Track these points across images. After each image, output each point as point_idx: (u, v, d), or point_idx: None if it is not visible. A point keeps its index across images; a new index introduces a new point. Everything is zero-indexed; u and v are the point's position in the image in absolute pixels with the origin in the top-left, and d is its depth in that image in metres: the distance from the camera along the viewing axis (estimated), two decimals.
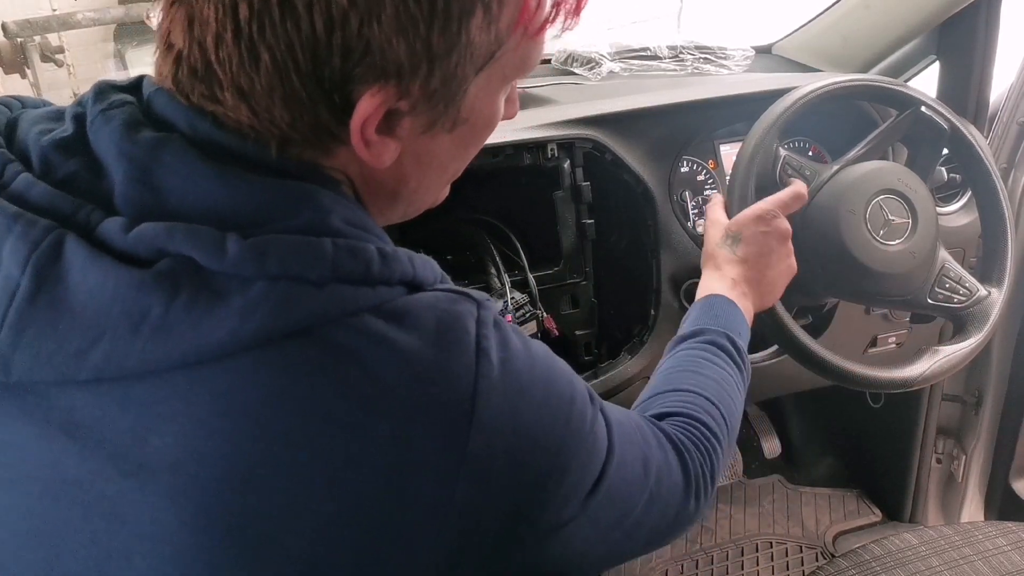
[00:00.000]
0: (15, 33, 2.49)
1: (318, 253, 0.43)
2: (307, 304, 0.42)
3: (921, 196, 1.01)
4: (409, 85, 0.46)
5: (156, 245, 0.42)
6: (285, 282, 0.42)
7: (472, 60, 0.47)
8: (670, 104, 1.13)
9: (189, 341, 0.41)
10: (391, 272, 0.46)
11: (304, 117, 0.45)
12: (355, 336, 0.43)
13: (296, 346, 0.42)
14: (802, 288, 1.05)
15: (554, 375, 0.51)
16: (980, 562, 1.05)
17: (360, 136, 0.46)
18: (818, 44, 1.45)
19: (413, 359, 0.44)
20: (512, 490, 0.46)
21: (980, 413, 1.56)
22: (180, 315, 0.40)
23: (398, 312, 0.45)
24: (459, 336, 0.46)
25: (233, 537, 0.41)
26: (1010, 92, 1.34)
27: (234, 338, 0.41)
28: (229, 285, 0.41)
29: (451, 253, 1.09)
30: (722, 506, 1.79)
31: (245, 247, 0.42)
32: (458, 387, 0.44)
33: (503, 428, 0.45)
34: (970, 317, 1.02)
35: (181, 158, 0.44)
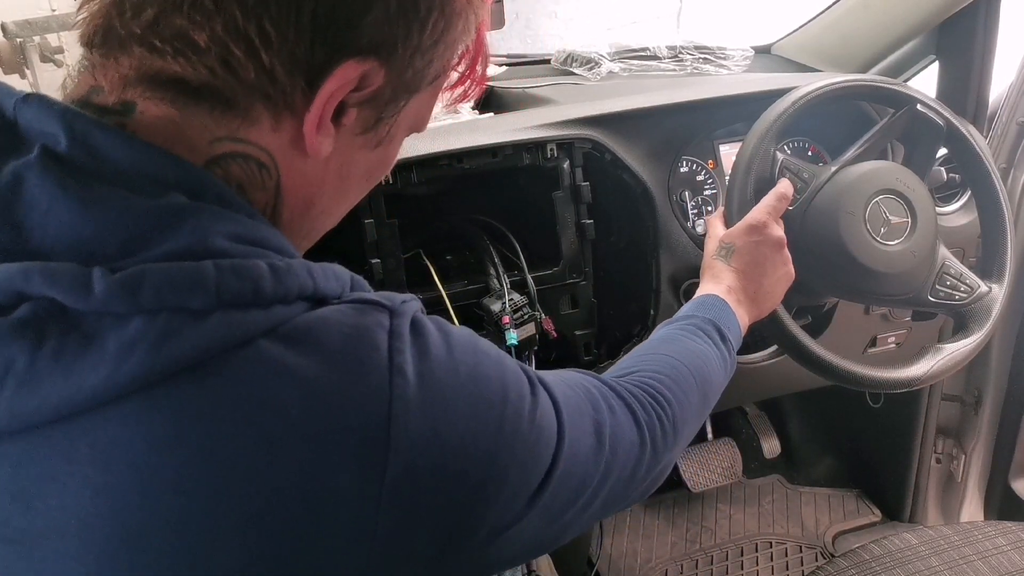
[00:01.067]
0: (14, 33, 2.49)
1: (199, 278, 0.38)
2: (191, 337, 0.37)
3: (920, 195, 1.01)
4: (388, 67, 0.45)
5: (14, 288, 0.37)
6: (165, 314, 0.38)
7: (429, 69, 0.48)
8: (669, 104, 1.13)
9: (60, 392, 0.36)
10: (286, 289, 0.41)
11: (281, 55, 0.42)
12: (249, 368, 0.39)
13: (182, 386, 0.38)
14: (802, 288, 1.05)
15: (481, 375, 0.46)
16: (980, 562, 1.04)
17: (321, 105, 0.44)
18: (817, 44, 1.45)
19: (317, 386, 0.40)
20: (443, 509, 0.43)
21: (980, 413, 1.56)
22: (48, 364, 0.36)
23: (297, 334, 0.41)
24: (368, 354, 0.42)
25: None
26: (1009, 92, 1.34)
27: (111, 383, 0.36)
28: (101, 324, 0.37)
29: (451, 253, 1.09)
30: (722, 506, 1.79)
31: (114, 283, 0.37)
32: (370, 411, 0.40)
33: (426, 448, 0.41)
34: (972, 313, 1.02)
35: (40, 187, 0.39)
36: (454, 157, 0.99)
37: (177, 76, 0.42)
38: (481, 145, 1.00)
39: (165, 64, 0.42)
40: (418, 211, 1.06)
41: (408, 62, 0.46)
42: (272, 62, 0.42)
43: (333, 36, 0.43)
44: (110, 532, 0.37)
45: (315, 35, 0.42)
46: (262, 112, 0.44)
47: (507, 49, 1.66)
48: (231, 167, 0.45)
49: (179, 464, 0.37)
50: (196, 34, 0.41)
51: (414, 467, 0.41)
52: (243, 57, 0.42)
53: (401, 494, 0.41)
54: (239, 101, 0.44)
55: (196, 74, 0.42)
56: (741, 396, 1.61)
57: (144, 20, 0.42)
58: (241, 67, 0.42)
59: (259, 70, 0.42)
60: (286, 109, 0.45)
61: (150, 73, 0.43)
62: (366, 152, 0.51)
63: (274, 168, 0.47)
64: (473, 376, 0.46)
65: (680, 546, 1.70)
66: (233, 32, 0.41)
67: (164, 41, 0.41)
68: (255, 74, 0.42)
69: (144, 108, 0.43)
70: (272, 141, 0.46)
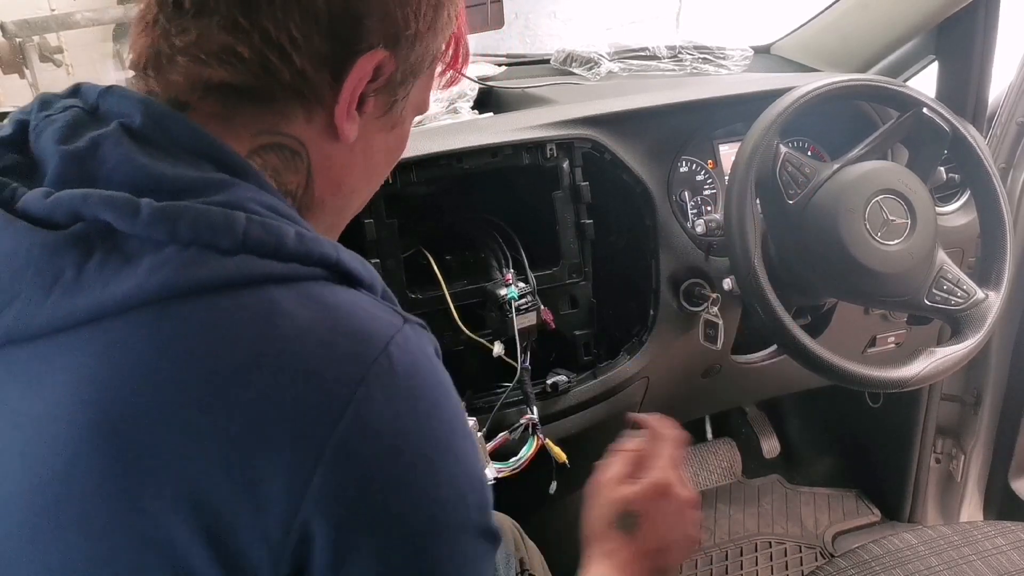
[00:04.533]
0: (14, 33, 2.49)
1: (230, 223, 0.44)
2: (213, 267, 0.43)
3: (920, 197, 1.02)
4: (396, 55, 0.52)
5: (72, 209, 0.43)
6: (196, 248, 0.43)
7: (427, 54, 0.56)
8: (669, 104, 1.13)
9: (96, 297, 0.42)
10: (307, 250, 0.46)
11: (309, 57, 0.49)
12: (253, 301, 0.43)
13: (192, 305, 0.42)
14: (801, 287, 1.05)
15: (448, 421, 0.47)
16: (979, 562, 1.05)
17: (349, 96, 0.51)
18: (817, 44, 1.45)
19: (307, 332, 0.43)
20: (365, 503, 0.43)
21: (979, 413, 1.56)
22: (92, 276, 0.42)
23: (311, 291, 0.45)
24: (367, 333, 0.44)
25: (106, 484, 0.41)
26: (1009, 92, 1.34)
27: (138, 292, 0.42)
28: (142, 248, 0.43)
29: (451, 253, 1.09)
30: (721, 506, 1.80)
31: (157, 210, 0.43)
32: (342, 375, 0.43)
33: (371, 438, 0.43)
34: (967, 319, 1.02)
35: (115, 147, 0.46)
36: (454, 157, 0.99)
37: (224, 81, 0.49)
38: (481, 145, 1.00)
39: (212, 72, 0.49)
40: (418, 211, 1.06)
41: (411, 48, 0.54)
42: (303, 63, 0.49)
43: (347, 35, 0.50)
44: (95, 419, 0.41)
45: (333, 36, 0.50)
46: (296, 108, 0.52)
47: (507, 49, 1.66)
48: (270, 155, 0.52)
49: (171, 367, 0.41)
50: (239, 47, 0.48)
51: (363, 439, 0.42)
52: (279, 62, 0.49)
53: (341, 458, 0.42)
54: (277, 99, 0.51)
55: (241, 79, 0.49)
56: (741, 396, 1.61)
57: (188, 39, 0.49)
58: (278, 70, 0.49)
59: (293, 71, 0.49)
60: (317, 104, 0.52)
61: (199, 80, 0.49)
62: (384, 134, 0.58)
63: (305, 154, 0.54)
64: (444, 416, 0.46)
65: None
66: (268, 42, 0.48)
67: (209, 55, 0.49)
68: (290, 75, 0.50)
69: (197, 107, 0.50)
70: (305, 132, 0.53)
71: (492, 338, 1.00)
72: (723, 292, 1.10)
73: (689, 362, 1.21)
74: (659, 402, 1.22)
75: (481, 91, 1.33)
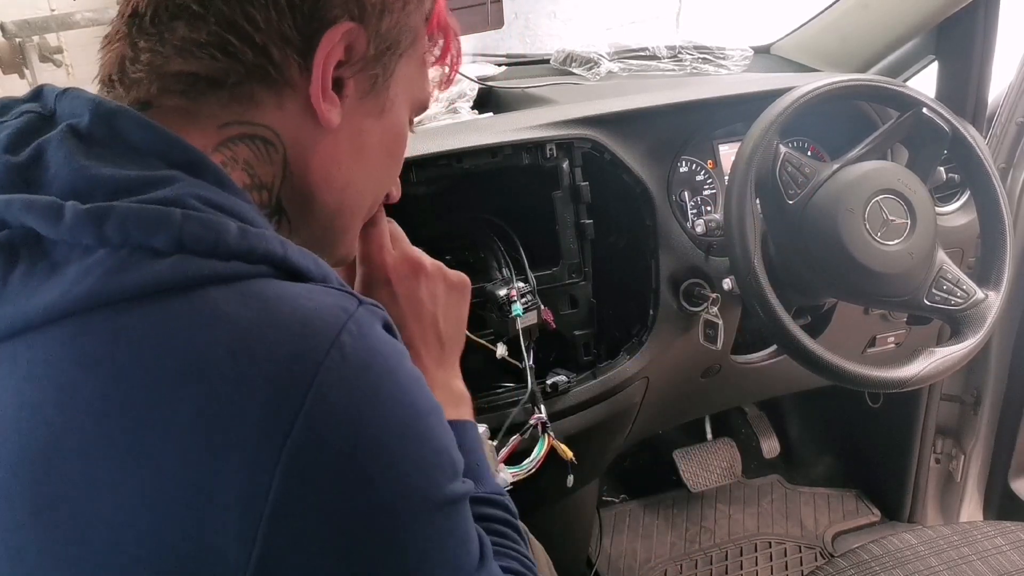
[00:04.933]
0: (14, 33, 2.49)
1: (163, 220, 0.41)
2: (144, 272, 0.40)
3: (920, 197, 1.02)
4: (365, 27, 0.51)
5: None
6: (127, 250, 0.40)
7: (405, 31, 0.54)
8: (669, 104, 1.13)
9: (19, 309, 0.39)
10: (250, 247, 0.43)
11: (270, 35, 0.48)
12: (188, 307, 0.40)
13: (120, 315, 0.39)
14: (801, 287, 1.05)
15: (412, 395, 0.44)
16: (979, 562, 1.05)
17: (320, 72, 0.49)
18: (817, 44, 1.45)
19: (249, 335, 0.39)
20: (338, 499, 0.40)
21: (979, 413, 1.56)
22: (16, 286, 0.40)
23: (250, 291, 0.41)
24: (317, 322, 0.41)
25: (41, 514, 0.39)
26: (1009, 91, 1.34)
27: (60, 302, 0.39)
28: (70, 255, 0.40)
29: (450, 254, 1.09)
30: (721, 506, 1.80)
31: (82, 212, 0.40)
32: (295, 369, 0.39)
33: (335, 427, 0.40)
34: (967, 320, 1.02)
35: (57, 150, 0.44)
36: (453, 157, 0.99)
37: (184, 71, 0.48)
38: (480, 145, 1.00)
39: (172, 64, 0.48)
40: (417, 211, 1.06)
41: (379, 19, 0.52)
42: (265, 41, 0.48)
43: (308, 8, 0.49)
44: (25, 446, 0.38)
45: (293, 11, 0.48)
46: (265, 94, 0.49)
47: (506, 49, 1.66)
48: (239, 147, 0.50)
49: (97, 385, 0.38)
50: (196, 33, 0.47)
51: (320, 443, 0.39)
52: (239, 43, 0.47)
53: (299, 465, 0.39)
54: (243, 85, 0.49)
55: (203, 66, 0.48)
56: (740, 396, 1.61)
57: (150, 43, 0.48)
58: (239, 51, 0.48)
59: (256, 51, 0.48)
60: (287, 87, 0.50)
61: (161, 75, 0.48)
62: (373, 120, 0.55)
63: (280, 144, 0.51)
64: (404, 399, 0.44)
65: (679, 546, 1.70)
66: (224, 24, 0.47)
67: (168, 47, 0.48)
68: (253, 55, 0.48)
69: (161, 105, 0.49)
70: (277, 119, 0.50)
71: (493, 339, 1.00)
72: (723, 292, 1.10)
73: (689, 362, 1.21)
74: (659, 402, 1.22)
75: (481, 91, 1.33)
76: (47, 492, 0.38)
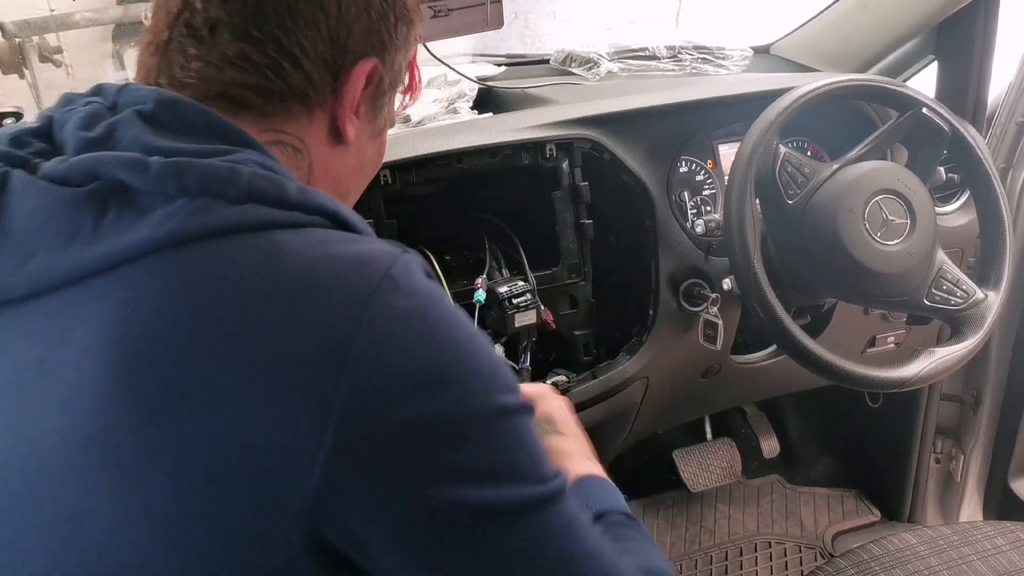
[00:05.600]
0: (13, 33, 2.49)
1: (234, 176, 0.48)
2: (220, 215, 0.46)
3: (920, 197, 1.02)
4: (383, 63, 0.59)
5: (87, 169, 0.47)
6: (205, 199, 0.46)
7: (401, 67, 0.63)
8: (668, 104, 1.13)
9: (112, 246, 0.45)
10: (308, 200, 0.50)
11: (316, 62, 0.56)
12: (258, 243, 0.46)
13: (205, 248, 0.46)
14: (798, 287, 1.05)
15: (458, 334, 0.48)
16: (979, 562, 1.05)
17: (352, 99, 0.58)
18: (816, 44, 1.45)
19: (314, 266, 0.46)
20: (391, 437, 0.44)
21: (979, 413, 1.56)
22: (108, 228, 0.46)
23: (312, 235, 0.48)
24: (371, 262, 0.47)
25: (133, 420, 0.43)
26: (1008, 91, 1.34)
27: (151, 240, 0.45)
28: (154, 202, 0.46)
29: (450, 254, 1.09)
30: (721, 506, 1.80)
31: (166, 165, 0.47)
32: (353, 294, 0.45)
33: (392, 342, 0.45)
34: (966, 320, 1.02)
35: (128, 128, 0.50)
36: (453, 157, 0.99)
37: (237, 82, 0.54)
38: (480, 145, 1.00)
39: (225, 75, 0.54)
40: (417, 211, 1.06)
41: (393, 58, 0.61)
42: (310, 68, 0.56)
43: (344, 43, 0.57)
44: (116, 359, 0.44)
45: (334, 44, 0.56)
46: (299, 109, 0.57)
47: (506, 49, 1.66)
48: (274, 150, 0.56)
49: (186, 307, 0.44)
50: (253, 54, 0.54)
51: (374, 365, 0.44)
52: (289, 67, 0.55)
53: (362, 374, 0.44)
54: (284, 101, 0.56)
55: (254, 81, 0.55)
56: (740, 396, 1.61)
57: (203, 50, 0.54)
58: (288, 74, 0.55)
59: (302, 76, 0.56)
60: (318, 106, 0.57)
61: (212, 82, 0.54)
62: (369, 140, 0.64)
63: (307, 153, 0.58)
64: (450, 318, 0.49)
65: (679, 546, 1.70)
66: (280, 50, 0.55)
67: (223, 61, 0.54)
68: (299, 79, 0.56)
69: (208, 105, 0.54)
70: (306, 132, 0.58)
71: (493, 340, 1.00)
72: (723, 292, 1.10)
73: (689, 362, 1.21)
74: (659, 402, 1.22)
75: (481, 91, 1.33)
76: (146, 399, 0.43)
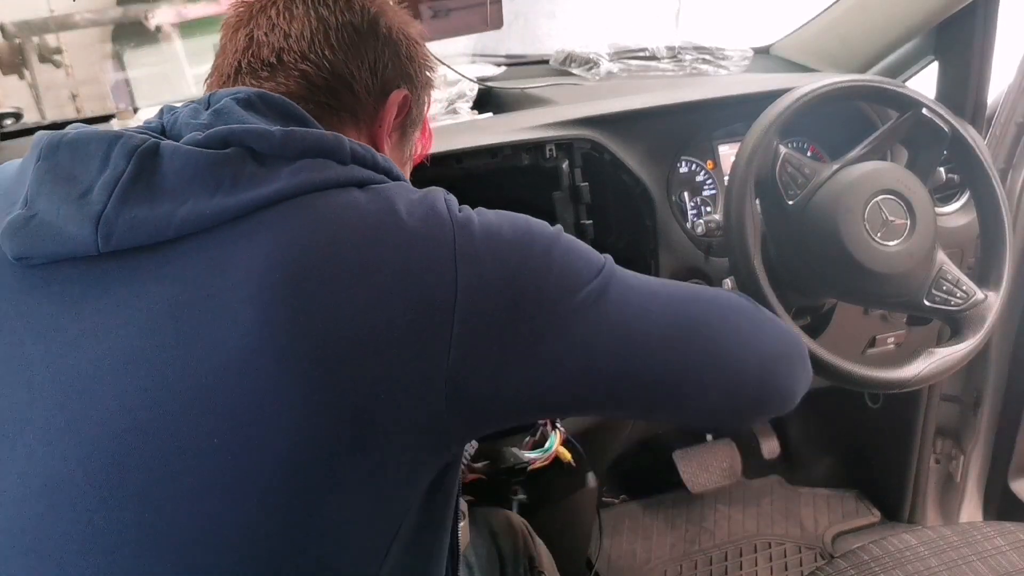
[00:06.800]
0: (13, 34, 2.49)
1: (340, 143, 0.60)
2: (336, 171, 0.58)
3: (920, 197, 1.01)
4: (411, 93, 0.74)
5: (222, 137, 0.57)
6: (322, 160, 0.58)
7: (422, 107, 0.78)
8: (668, 105, 1.14)
9: (253, 195, 0.54)
10: (389, 166, 0.64)
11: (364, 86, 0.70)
12: (366, 193, 0.58)
13: (328, 196, 0.56)
14: (798, 287, 1.05)
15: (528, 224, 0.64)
16: (979, 562, 1.05)
17: (390, 118, 0.72)
18: (816, 45, 1.45)
19: (410, 206, 0.58)
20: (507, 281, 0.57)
21: (978, 413, 1.56)
22: (246, 181, 0.55)
23: (401, 187, 0.61)
24: (442, 209, 0.59)
25: (288, 335, 0.51)
26: (1008, 92, 1.34)
27: (287, 188, 0.55)
28: (279, 162, 0.56)
29: None
30: (721, 507, 1.80)
31: (287, 133, 0.57)
32: (443, 222, 0.57)
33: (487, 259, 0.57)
34: (967, 320, 1.02)
35: (231, 111, 0.60)
36: (453, 157, 0.99)
37: (303, 95, 0.67)
38: (480, 145, 1.00)
39: (291, 88, 0.67)
40: None
41: (419, 94, 0.76)
42: (360, 90, 0.70)
43: (382, 73, 0.71)
44: (274, 281, 0.52)
45: (375, 75, 0.71)
46: (350, 121, 0.70)
47: (506, 49, 1.66)
48: None
49: (321, 239, 0.54)
50: (314, 77, 0.68)
51: (477, 270, 0.56)
52: (342, 88, 0.69)
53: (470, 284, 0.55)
54: (339, 113, 0.69)
55: (317, 96, 0.68)
56: None
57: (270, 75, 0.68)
58: (341, 93, 0.69)
59: (352, 96, 0.70)
60: (362, 121, 0.71)
61: (285, 92, 0.66)
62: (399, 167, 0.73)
63: None
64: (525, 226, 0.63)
65: (679, 547, 1.70)
66: (335, 76, 0.69)
67: (289, 79, 0.68)
68: (351, 98, 0.70)
69: None
70: (354, 138, 0.66)
71: None
72: None
73: None
74: None
75: (481, 91, 1.33)
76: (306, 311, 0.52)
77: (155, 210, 0.53)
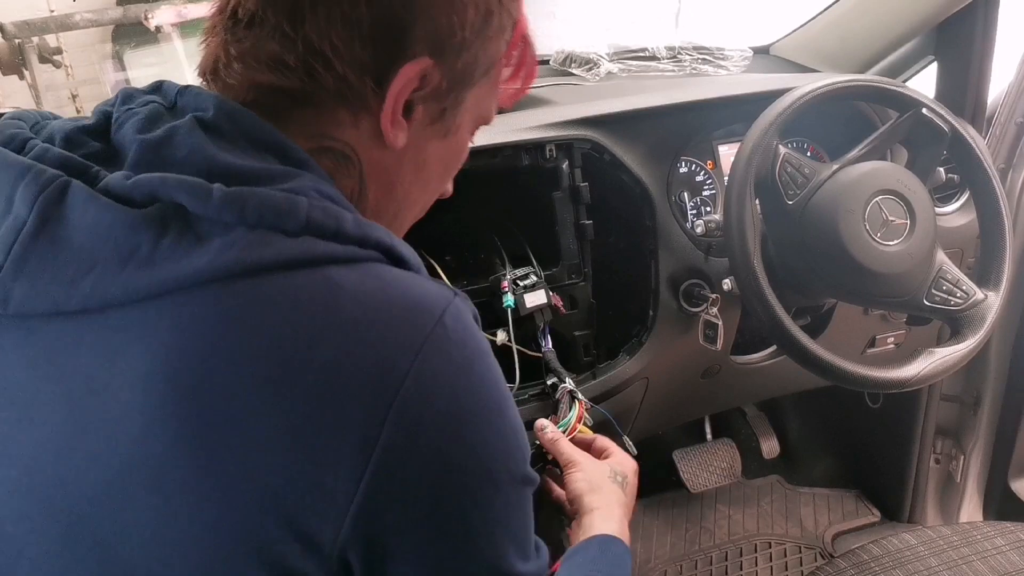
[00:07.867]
0: (13, 34, 2.49)
1: (293, 208, 0.48)
2: (278, 248, 0.46)
3: (920, 197, 1.02)
4: (442, 64, 0.54)
5: (150, 190, 0.47)
6: (262, 230, 0.47)
7: (477, 63, 0.57)
8: (668, 105, 1.13)
9: (169, 272, 0.45)
10: (364, 234, 0.50)
11: (351, 63, 0.52)
12: (315, 280, 0.47)
13: (261, 282, 0.46)
14: (800, 288, 1.05)
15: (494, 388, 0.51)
16: (978, 562, 1.05)
17: (392, 103, 0.54)
18: (816, 44, 1.45)
19: (368, 306, 0.47)
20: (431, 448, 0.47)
21: (978, 413, 1.56)
22: (165, 252, 0.46)
23: (368, 272, 0.49)
24: (425, 306, 0.48)
25: (178, 447, 0.44)
26: (1008, 92, 1.34)
27: (209, 268, 0.45)
28: (212, 229, 0.46)
29: (451, 254, 1.09)
30: (721, 506, 1.80)
31: (227, 194, 0.47)
32: (406, 338, 0.46)
33: (434, 398, 0.47)
34: (966, 320, 1.02)
35: (188, 136, 0.50)
36: None
37: (274, 85, 0.53)
38: (481, 145, 1.00)
39: (263, 76, 0.53)
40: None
41: (457, 57, 0.55)
42: (344, 69, 0.52)
43: (390, 43, 0.52)
44: (166, 386, 0.44)
45: (375, 44, 0.52)
46: (344, 113, 0.54)
47: None
48: (324, 158, 0.55)
49: (239, 338, 0.45)
50: (286, 56, 0.52)
51: (423, 400, 0.46)
52: (322, 69, 0.52)
53: (405, 417, 0.45)
54: (325, 104, 0.54)
55: (289, 84, 0.53)
56: (740, 396, 1.61)
57: (242, 47, 0.53)
58: (322, 76, 0.52)
59: (336, 77, 0.52)
60: (362, 109, 0.54)
61: (252, 84, 0.53)
62: (437, 141, 0.60)
63: (356, 159, 0.56)
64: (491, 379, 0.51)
65: (679, 547, 1.70)
66: (311, 51, 0.52)
67: (259, 62, 0.52)
68: (333, 81, 0.52)
69: (254, 110, 0.53)
70: (353, 136, 0.55)
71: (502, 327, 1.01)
72: (722, 293, 1.10)
73: (688, 363, 1.21)
74: (658, 403, 1.22)
75: None
76: (196, 427, 0.44)
77: (57, 275, 0.46)
